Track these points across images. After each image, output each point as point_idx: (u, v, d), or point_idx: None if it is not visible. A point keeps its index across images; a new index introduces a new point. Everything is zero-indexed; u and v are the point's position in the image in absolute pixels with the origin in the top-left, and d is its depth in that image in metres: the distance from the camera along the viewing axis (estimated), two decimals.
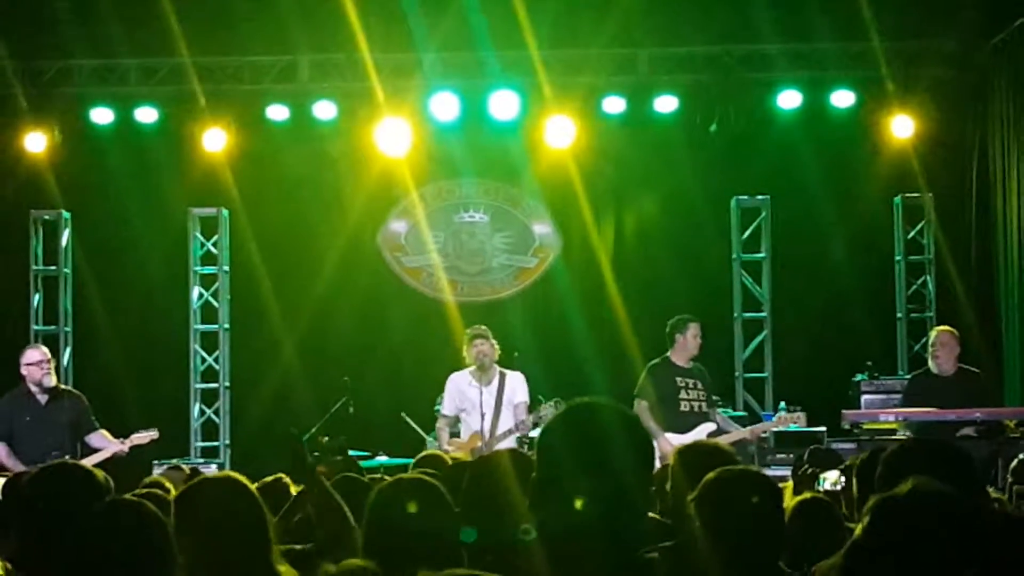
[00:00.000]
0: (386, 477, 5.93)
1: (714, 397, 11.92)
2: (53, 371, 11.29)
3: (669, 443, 10.82)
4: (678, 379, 11.53)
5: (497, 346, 11.73)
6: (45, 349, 11.58)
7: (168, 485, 7.30)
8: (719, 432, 11.26)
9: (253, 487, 4.61)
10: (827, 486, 6.53)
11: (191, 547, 4.19)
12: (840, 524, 5.57)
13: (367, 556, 4.07)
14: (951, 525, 2.68)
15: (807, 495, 6.39)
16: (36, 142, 14.26)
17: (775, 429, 12.09)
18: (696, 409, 11.48)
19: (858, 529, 2.77)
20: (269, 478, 7.14)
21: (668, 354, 11.69)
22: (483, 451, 10.85)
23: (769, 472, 10.91)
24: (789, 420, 11.75)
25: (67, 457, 10.72)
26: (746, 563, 4.18)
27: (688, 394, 11.51)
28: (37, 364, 11.18)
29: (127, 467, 10.72)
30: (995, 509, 3.80)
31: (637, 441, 3.14)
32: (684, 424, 11.28)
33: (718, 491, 4.27)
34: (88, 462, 10.74)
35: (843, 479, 6.47)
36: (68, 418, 11.10)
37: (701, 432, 11.14)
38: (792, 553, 4.50)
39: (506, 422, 11.37)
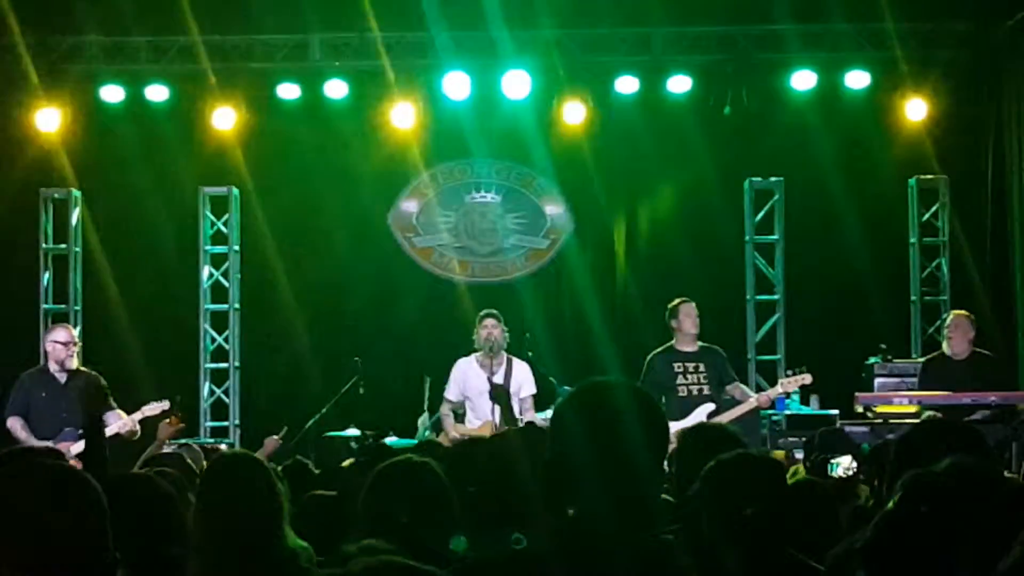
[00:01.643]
0: None
1: (731, 373, 11.83)
2: (77, 354, 11.35)
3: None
4: (676, 365, 11.52)
5: (507, 332, 11.66)
6: (74, 331, 11.67)
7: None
8: (720, 411, 11.26)
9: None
10: (839, 472, 6.43)
11: (207, 521, 4.23)
12: (833, 507, 5.49)
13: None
14: (988, 501, 2.62)
15: (799, 477, 6.33)
16: (47, 120, 14.20)
17: (785, 391, 11.86)
18: (695, 393, 11.44)
19: (890, 503, 2.71)
20: (288, 461, 7.16)
21: (672, 341, 11.69)
22: None
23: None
24: (796, 382, 11.67)
25: (80, 433, 10.80)
26: (752, 548, 4.13)
27: (687, 379, 11.48)
28: (64, 345, 11.24)
29: (138, 443, 10.70)
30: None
31: (651, 420, 3.08)
32: (682, 409, 11.20)
33: (718, 477, 4.22)
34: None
35: (855, 464, 6.38)
36: (84, 397, 11.12)
37: (699, 415, 11.05)
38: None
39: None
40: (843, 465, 6.50)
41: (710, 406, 11.34)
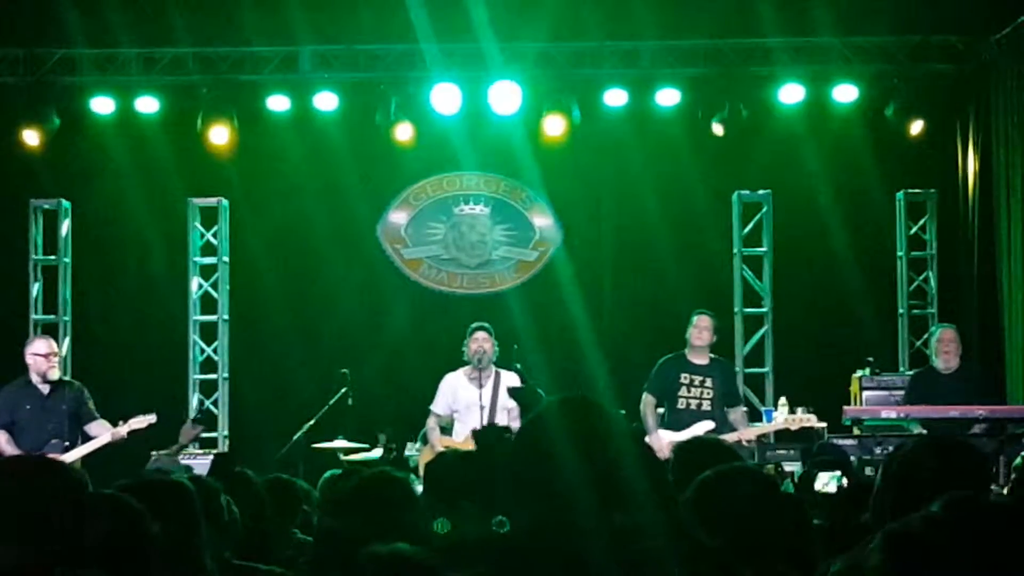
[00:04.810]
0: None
1: (738, 394, 11.86)
2: (58, 364, 11.33)
3: (659, 439, 10.91)
4: (683, 375, 11.52)
5: (497, 346, 11.73)
6: (53, 342, 11.61)
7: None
8: (716, 431, 11.13)
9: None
10: (819, 486, 6.41)
11: None
12: (807, 523, 5.46)
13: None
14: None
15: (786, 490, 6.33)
16: (37, 130, 14.20)
17: (776, 429, 11.88)
18: (695, 407, 11.46)
19: (874, 559, 2.64)
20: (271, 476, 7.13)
21: (685, 348, 11.71)
22: None
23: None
24: (799, 421, 11.59)
25: (66, 445, 10.82)
26: (744, 563, 4.13)
27: (690, 391, 11.48)
28: (45, 356, 11.23)
29: (125, 456, 10.72)
30: None
31: (618, 432, 3.10)
32: (679, 422, 11.32)
33: (712, 490, 4.22)
34: (82, 450, 10.78)
35: (844, 480, 6.38)
36: (68, 408, 11.13)
37: (695, 431, 11.04)
38: None
39: (501, 423, 11.29)
40: (821, 480, 6.47)
41: (709, 424, 11.32)
